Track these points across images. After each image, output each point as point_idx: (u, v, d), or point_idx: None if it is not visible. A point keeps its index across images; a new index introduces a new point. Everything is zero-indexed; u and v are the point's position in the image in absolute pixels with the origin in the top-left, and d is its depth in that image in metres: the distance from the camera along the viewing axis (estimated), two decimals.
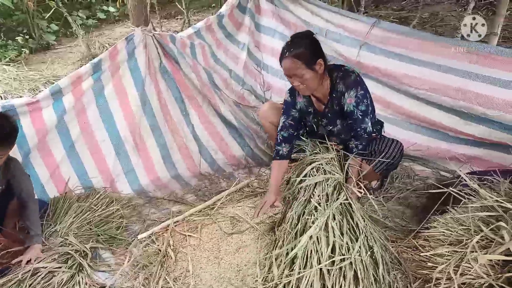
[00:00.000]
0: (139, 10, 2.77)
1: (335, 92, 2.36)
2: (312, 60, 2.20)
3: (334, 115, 2.44)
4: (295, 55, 2.18)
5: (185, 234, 2.32)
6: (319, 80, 2.29)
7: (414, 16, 5.91)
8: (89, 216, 2.38)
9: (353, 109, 2.32)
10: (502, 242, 1.57)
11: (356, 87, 2.30)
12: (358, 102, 2.30)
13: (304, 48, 2.20)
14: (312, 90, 2.33)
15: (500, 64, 2.43)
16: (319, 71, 2.24)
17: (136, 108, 2.86)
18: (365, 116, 2.34)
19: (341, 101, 2.35)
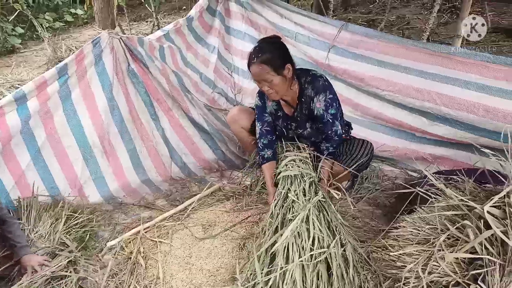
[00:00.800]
0: (106, 13, 2.72)
1: (304, 96, 2.38)
2: (280, 65, 2.21)
3: (303, 118, 2.46)
4: (263, 61, 2.18)
5: (155, 240, 2.29)
6: (288, 84, 2.30)
7: (381, 19, 6.03)
8: (56, 225, 2.30)
9: (323, 113, 2.34)
10: (467, 240, 1.60)
11: (325, 91, 2.32)
12: (328, 106, 2.33)
13: (272, 54, 2.20)
14: (282, 95, 2.34)
15: (461, 65, 2.50)
16: (288, 75, 2.25)
17: (104, 112, 2.80)
18: (335, 119, 2.37)
19: (310, 105, 2.37)
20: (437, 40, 5.42)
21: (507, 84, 2.35)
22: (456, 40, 2.86)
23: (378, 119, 3.04)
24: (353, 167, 2.44)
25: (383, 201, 2.64)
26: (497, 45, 5.22)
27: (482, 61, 2.45)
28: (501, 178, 1.74)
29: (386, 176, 2.89)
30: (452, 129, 2.62)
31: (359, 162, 2.44)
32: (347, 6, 7.44)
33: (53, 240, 2.17)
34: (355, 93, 3.11)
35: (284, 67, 2.22)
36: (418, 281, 1.71)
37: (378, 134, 3.07)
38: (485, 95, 2.40)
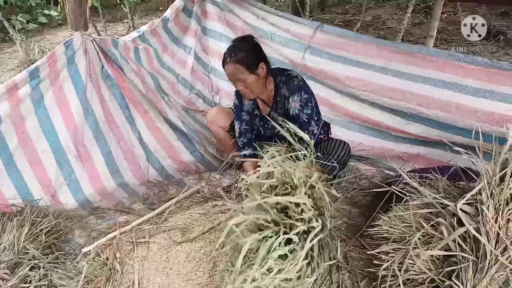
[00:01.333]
0: (78, 14, 2.66)
1: (279, 96, 2.39)
2: (254, 64, 2.23)
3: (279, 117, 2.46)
4: (237, 60, 2.20)
5: (132, 245, 2.25)
6: (262, 83, 2.31)
7: (357, 20, 6.09)
8: (28, 233, 2.23)
9: (298, 113, 2.35)
10: (441, 237, 1.62)
11: (299, 91, 2.33)
12: (303, 105, 2.34)
13: (245, 53, 2.22)
14: (257, 94, 2.35)
15: (434, 65, 2.54)
16: (262, 74, 2.27)
17: (78, 116, 2.74)
18: (311, 119, 2.38)
19: (285, 105, 2.38)
20: (412, 40, 5.50)
21: (477, 83, 2.40)
22: (429, 40, 2.91)
23: (354, 118, 3.07)
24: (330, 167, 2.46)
25: (360, 200, 2.65)
26: (470, 44, 5.33)
27: (454, 60, 2.50)
28: (473, 175, 1.77)
29: (363, 175, 2.91)
30: (427, 128, 2.66)
31: (336, 162, 2.46)
32: (323, 7, 7.50)
33: (17, 251, 2.10)
34: (331, 93, 3.13)
35: (257, 66, 2.24)
36: (394, 279, 1.73)
37: (355, 133, 3.10)
38: (458, 94, 2.45)
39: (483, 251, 1.49)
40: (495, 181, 1.56)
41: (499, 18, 6.06)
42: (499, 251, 1.45)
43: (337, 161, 2.45)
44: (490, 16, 6.17)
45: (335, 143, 2.51)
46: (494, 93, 2.34)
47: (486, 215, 1.48)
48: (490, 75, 2.37)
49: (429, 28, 2.93)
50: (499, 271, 1.45)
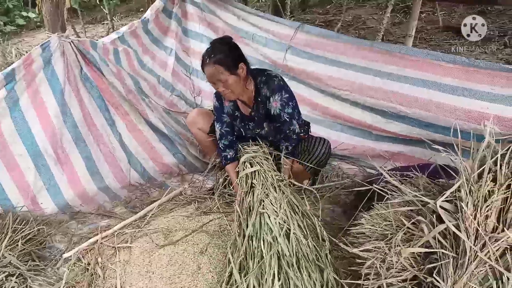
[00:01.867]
0: (55, 16, 2.63)
1: (260, 96, 2.40)
2: (233, 65, 2.23)
3: (261, 118, 2.47)
4: (216, 61, 2.19)
5: (114, 250, 2.22)
6: (242, 84, 2.31)
7: (338, 20, 6.13)
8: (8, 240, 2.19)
9: (280, 112, 2.36)
10: (422, 235, 1.64)
11: (280, 90, 2.34)
12: (284, 105, 2.35)
13: (224, 53, 2.22)
14: (238, 95, 2.34)
15: (414, 64, 2.57)
16: (242, 75, 2.27)
17: (56, 119, 2.69)
18: (292, 118, 2.39)
19: (266, 105, 2.39)
20: (392, 39, 5.56)
21: (456, 81, 2.43)
22: (408, 39, 2.94)
23: (336, 118, 3.09)
24: (313, 164, 2.48)
25: (343, 199, 2.67)
26: (448, 43, 5.42)
27: (433, 59, 2.53)
28: (452, 173, 1.79)
29: (345, 174, 2.93)
30: (407, 126, 2.69)
31: (318, 159, 2.48)
32: (304, 7, 7.53)
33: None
34: (313, 93, 3.14)
35: (237, 66, 2.24)
36: (377, 277, 1.74)
37: (337, 133, 3.12)
38: (437, 92, 2.48)
39: (463, 247, 1.50)
40: (474, 178, 1.58)
41: None
42: (478, 247, 1.47)
43: (318, 159, 2.47)
44: (467, 15, 6.27)
45: (315, 141, 2.54)
46: (472, 91, 2.37)
47: (465, 212, 1.50)
48: (468, 74, 2.41)
49: (408, 28, 2.97)
50: (478, 267, 1.46)
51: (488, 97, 2.32)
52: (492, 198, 1.50)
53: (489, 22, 5.81)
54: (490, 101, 2.31)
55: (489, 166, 1.57)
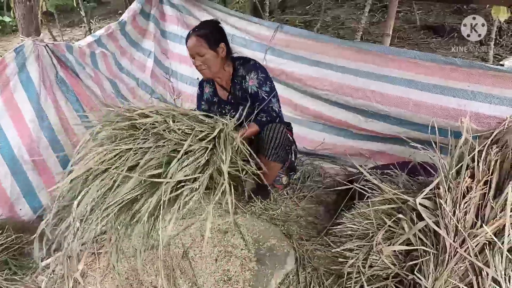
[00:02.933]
0: (29, 20, 2.56)
1: (237, 77, 2.45)
2: (214, 42, 2.33)
3: (238, 101, 2.50)
4: (199, 34, 2.31)
5: (94, 256, 2.18)
6: (220, 63, 2.40)
7: (317, 20, 6.16)
8: None
9: (257, 90, 2.40)
10: (402, 233, 1.65)
11: (256, 70, 2.41)
12: (261, 83, 2.40)
13: (209, 30, 2.34)
14: (214, 72, 2.41)
15: (392, 62, 2.60)
16: (221, 54, 2.37)
17: (32, 124, 2.63)
18: (271, 97, 2.41)
19: (243, 84, 2.43)
20: (370, 39, 5.61)
21: (433, 79, 2.46)
22: (386, 38, 2.97)
23: (317, 118, 3.10)
24: (272, 154, 2.37)
25: (325, 199, 2.68)
26: (426, 42, 5.50)
27: (410, 58, 2.56)
28: (431, 170, 1.81)
29: (327, 173, 2.94)
30: (386, 125, 2.72)
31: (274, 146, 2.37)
32: (284, 8, 7.55)
33: None
34: (293, 93, 3.15)
35: (218, 45, 2.34)
36: (360, 275, 1.75)
37: (318, 132, 3.13)
38: (414, 90, 2.51)
39: (443, 244, 1.52)
40: (452, 175, 1.60)
41: (453, 16, 6.26)
42: (458, 243, 1.48)
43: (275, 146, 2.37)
44: (444, 14, 6.38)
45: (274, 128, 2.37)
46: (449, 89, 2.41)
47: (444, 208, 1.51)
48: (445, 72, 2.44)
49: (385, 27, 2.99)
50: (458, 263, 1.48)
51: (465, 95, 2.35)
52: (470, 195, 1.52)
53: None
54: (467, 99, 2.34)
55: (467, 163, 1.59)
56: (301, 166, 2.95)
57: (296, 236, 2.23)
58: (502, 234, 1.45)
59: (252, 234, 2.20)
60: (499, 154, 1.60)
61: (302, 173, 2.84)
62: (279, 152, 2.38)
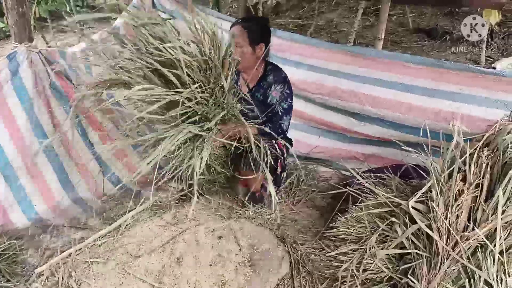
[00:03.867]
0: (21, 26, 2.56)
1: (264, 81, 2.48)
2: (256, 39, 2.37)
3: (255, 102, 2.46)
4: (245, 26, 2.36)
5: (88, 262, 2.17)
6: (254, 61, 2.42)
7: (311, 24, 6.18)
8: None
9: (276, 103, 2.42)
10: (396, 236, 1.66)
11: (284, 83, 2.43)
12: (283, 98, 2.42)
13: (256, 27, 2.39)
14: (244, 67, 2.46)
15: (384, 66, 2.61)
16: (257, 53, 2.40)
17: (26, 130, 2.62)
18: (286, 114, 2.43)
19: (267, 91, 2.45)
20: (363, 42, 5.63)
21: (425, 82, 2.48)
22: (378, 42, 2.98)
23: (310, 121, 3.10)
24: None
25: (320, 202, 2.68)
26: (419, 44, 5.53)
27: (402, 61, 2.57)
28: (423, 173, 1.82)
29: (321, 177, 2.94)
30: (379, 128, 2.73)
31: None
32: (277, 12, 7.57)
33: None
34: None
35: (258, 43, 2.38)
36: (354, 279, 1.75)
37: (311, 136, 3.14)
38: (407, 94, 2.52)
39: (436, 247, 1.53)
40: (444, 178, 1.61)
41: (445, 18, 6.30)
42: (450, 246, 1.49)
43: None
44: (436, 16, 6.42)
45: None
46: (441, 92, 2.42)
47: (437, 212, 1.52)
48: (437, 75, 2.46)
49: (377, 31, 3.01)
50: (451, 266, 1.49)
51: (457, 97, 2.37)
52: (462, 198, 1.53)
53: (457, 23, 5.95)
54: (459, 101, 2.36)
55: (459, 166, 1.60)
56: (296, 169, 2.96)
57: (291, 240, 2.23)
58: (494, 237, 1.47)
59: (247, 238, 2.20)
60: (490, 157, 1.61)
61: (297, 177, 2.84)
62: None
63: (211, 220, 2.41)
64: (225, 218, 2.42)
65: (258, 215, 2.48)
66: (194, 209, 2.50)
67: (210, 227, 2.31)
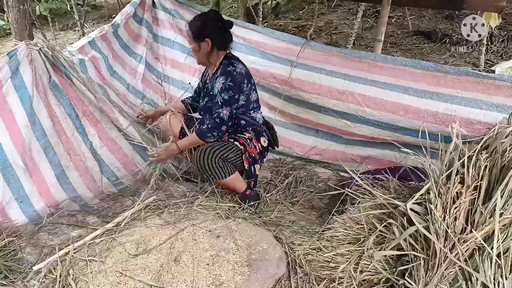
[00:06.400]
0: (22, 24, 2.57)
1: (216, 74, 2.56)
2: (200, 36, 2.47)
3: (206, 92, 2.64)
4: (190, 26, 2.49)
5: (86, 260, 2.17)
6: (203, 56, 2.55)
7: (310, 25, 6.19)
8: None
9: (217, 93, 2.47)
10: (393, 237, 1.66)
11: (228, 76, 2.45)
12: (223, 89, 2.45)
13: (200, 23, 2.46)
14: (198, 61, 2.64)
15: (382, 70, 2.64)
16: (204, 49, 2.50)
17: (25, 128, 2.62)
18: (225, 105, 2.46)
19: (214, 81, 2.53)
20: (363, 44, 5.64)
21: (423, 86, 2.49)
22: (377, 44, 2.99)
23: (306, 122, 3.11)
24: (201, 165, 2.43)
25: (318, 203, 2.69)
26: (418, 47, 5.54)
27: (400, 65, 2.59)
28: (421, 175, 1.83)
29: (319, 178, 2.95)
30: (376, 129, 2.73)
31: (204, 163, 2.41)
32: (277, 13, 7.58)
33: None
34: (282, 98, 3.15)
35: (203, 39, 2.46)
36: (351, 280, 1.75)
37: (307, 137, 3.15)
38: (405, 95, 2.53)
39: (433, 249, 1.53)
40: (442, 180, 1.61)
41: (445, 22, 6.32)
42: (448, 248, 1.50)
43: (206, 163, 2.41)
44: (436, 19, 6.43)
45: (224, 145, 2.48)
46: (439, 95, 2.43)
47: (435, 213, 1.53)
48: (435, 79, 2.47)
49: (377, 33, 3.02)
50: (448, 268, 1.49)
51: (455, 100, 2.38)
52: (460, 200, 1.54)
53: (457, 26, 5.96)
54: (457, 104, 2.37)
55: (457, 168, 1.61)
56: (293, 170, 2.96)
57: (288, 240, 2.23)
58: (492, 240, 1.47)
59: (244, 238, 2.20)
60: (488, 159, 1.62)
61: (294, 178, 2.85)
62: (213, 172, 2.42)
63: (209, 219, 2.41)
64: (223, 218, 2.42)
65: (256, 216, 2.48)
66: (192, 208, 2.51)
67: (208, 227, 2.31)
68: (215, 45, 2.50)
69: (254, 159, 2.59)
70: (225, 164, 2.44)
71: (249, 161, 2.55)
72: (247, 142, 2.56)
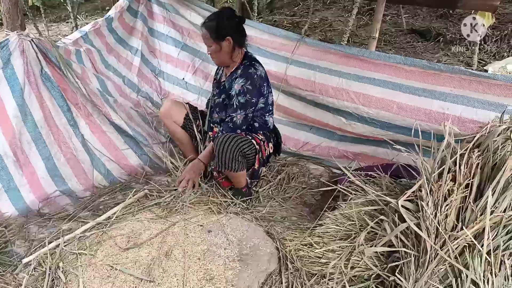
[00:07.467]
0: (14, 14, 2.53)
1: (235, 73, 2.50)
2: (220, 35, 2.39)
3: (223, 90, 2.58)
4: (207, 27, 2.40)
5: (76, 254, 2.16)
6: (226, 55, 2.46)
7: (305, 22, 6.17)
8: None
9: (234, 96, 2.44)
10: (384, 234, 1.67)
11: (247, 79, 2.41)
12: (241, 92, 2.41)
13: (217, 22, 2.38)
14: (220, 62, 2.56)
15: (376, 67, 2.64)
16: (225, 48, 2.42)
17: (15, 119, 2.59)
18: (240, 108, 2.44)
19: (232, 83, 2.48)
20: (357, 41, 5.65)
21: (417, 83, 2.50)
22: (372, 41, 2.99)
23: (301, 119, 3.11)
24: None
25: (310, 199, 2.69)
26: (412, 45, 5.55)
27: (394, 62, 2.59)
28: (413, 172, 1.83)
29: (312, 174, 2.95)
30: (370, 127, 2.74)
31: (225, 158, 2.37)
32: (272, 9, 7.56)
33: None
34: (278, 94, 3.15)
35: (224, 38, 2.39)
36: (342, 276, 1.76)
37: (302, 133, 3.15)
38: (398, 93, 2.54)
39: (424, 246, 1.54)
40: (434, 177, 1.62)
41: (439, 20, 6.34)
42: (439, 246, 1.50)
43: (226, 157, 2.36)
44: (430, 18, 6.45)
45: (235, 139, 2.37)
46: (432, 92, 2.44)
47: (426, 211, 1.53)
48: (429, 76, 2.48)
49: (372, 30, 3.02)
50: (439, 265, 1.50)
51: (448, 98, 2.39)
52: (451, 197, 1.54)
53: (451, 25, 5.99)
54: (450, 102, 2.38)
55: (449, 166, 1.61)
56: (286, 166, 2.96)
57: (280, 236, 2.23)
58: (482, 237, 1.48)
59: (236, 233, 2.20)
60: (480, 158, 1.63)
61: (287, 174, 2.85)
62: (231, 163, 2.35)
63: (201, 214, 2.41)
64: (215, 213, 2.42)
65: (248, 211, 2.48)
66: (184, 203, 2.50)
67: (200, 221, 2.31)
68: (236, 43, 2.45)
69: (264, 161, 2.63)
70: (243, 159, 2.42)
71: (260, 162, 2.56)
72: (261, 143, 2.56)
